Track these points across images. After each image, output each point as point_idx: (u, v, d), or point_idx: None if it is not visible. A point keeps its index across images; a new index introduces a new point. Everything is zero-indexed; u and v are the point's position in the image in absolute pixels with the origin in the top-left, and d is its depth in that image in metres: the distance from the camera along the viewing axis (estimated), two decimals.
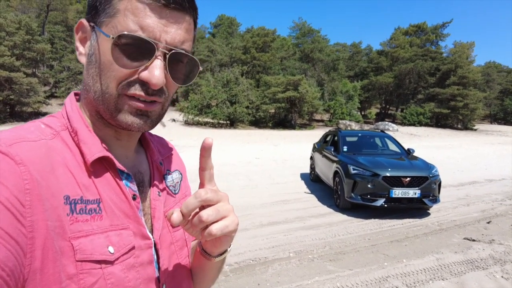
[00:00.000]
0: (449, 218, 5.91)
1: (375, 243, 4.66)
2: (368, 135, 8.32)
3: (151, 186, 0.69)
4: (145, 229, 0.62)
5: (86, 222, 0.53)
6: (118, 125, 0.59)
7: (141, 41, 0.54)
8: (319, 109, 34.38)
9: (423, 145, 19.81)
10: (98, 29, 0.57)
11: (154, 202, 0.67)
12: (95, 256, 0.53)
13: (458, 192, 7.97)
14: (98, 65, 0.57)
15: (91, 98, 0.59)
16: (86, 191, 0.55)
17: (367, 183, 5.87)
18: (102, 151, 0.58)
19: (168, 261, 0.67)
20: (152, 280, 0.62)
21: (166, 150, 0.80)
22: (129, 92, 0.57)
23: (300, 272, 3.76)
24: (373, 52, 49.48)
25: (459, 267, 3.89)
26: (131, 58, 0.55)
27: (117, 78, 0.56)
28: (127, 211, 0.60)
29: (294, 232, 5.09)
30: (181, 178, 0.79)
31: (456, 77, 37.58)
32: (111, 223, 0.57)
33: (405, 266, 3.86)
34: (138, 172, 0.68)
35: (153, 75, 0.55)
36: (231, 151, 15.35)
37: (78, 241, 0.52)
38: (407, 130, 31.29)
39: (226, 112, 29.22)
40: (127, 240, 0.58)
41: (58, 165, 0.53)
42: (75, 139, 0.58)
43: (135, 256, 0.59)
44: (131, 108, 0.58)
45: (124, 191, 0.60)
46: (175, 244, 0.70)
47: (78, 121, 0.60)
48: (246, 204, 6.64)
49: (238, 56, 36.87)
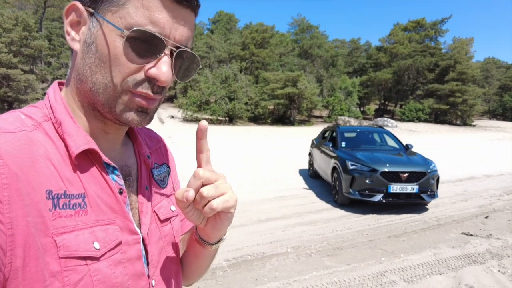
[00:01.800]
0: (447, 214, 5.92)
1: (372, 239, 4.67)
2: (367, 131, 8.31)
3: (138, 180, 0.67)
4: (132, 224, 0.61)
5: (70, 217, 0.52)
6: (117, 120, 0.58)
7: (153, 38, 0.53)
8: (318, 105, 34.34)
9: (421, 141, 19.82)
10: (101, 17, 0.53)
11: (142, 196, 0.66)
12: (80, 253, 0.51)
13: (456, 188, 7.98)
14: (99, 56, 0.54)
15: (86, 89, 0.56)
16: (70, 185, 0.53)
17: (365, 179, 5.87)
18: (87, 143, 0.56)
19: (158, 256, 0.66)
20: (141, 275, 0.61)
21: (154, 143, 0.78)
22: (136, 90, 0.55)
23: (297, 267, 3.76)
24: (372, 48, 49.37)
25: (457, 261, 3.89)
26: (139, 54, 0.53)
27: (123, 73, 0.54)
28: (114, 206, 0.58)
29: (292, 228, 5.10)
30: (169, 171, 0.77)
31: (455, 73, 37.53)
32: (97, 218, 0.55)
33: (402, 261, 3.86)
34: (125, 165, 0.66)
35: (163, 72, 0.54)
36: (229, 147, 15.34)
37: (62, 237, 0.50)
38: (406, 126, 31.29)
39: (225, 108, 29.16)
40: (113, 235, 0.56)
41: (39, 158, 0.50)
42: (59, 131, 0.55)
43: (122, 252, 0.58)
44: (133, 105, 0.56)
45: (110, 185, 0.58)
46: (164, 239, 0.68)
47: (62, 112, 0.57)
48: (244, 200, 6.64)
49: (236, 52, 36.77)
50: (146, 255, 0.63)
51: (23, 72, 25.65)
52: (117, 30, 0.52)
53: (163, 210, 0.70)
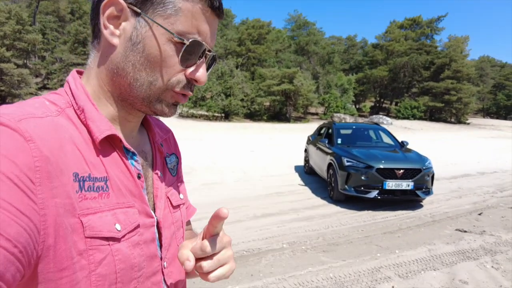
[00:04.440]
0: (441, 210, 5.96)
1: (368, 235, 4.69)
2: (362, 127, 8.33)
3: (153, 166, 0.70)
4: (149, 207, 0.64)
5: (94, 199, 0.54)
6: (152, 112, 0.63)
7: (200, 46, 0.59)
8: (314, 102, 34.34)
9: (416, 139, 19.93)
10: (151, 20, 0.57)
11: (157, 182, 0.69)
12: (104, 233, 0.54)
13: (451, 185, 8.04)
14: (147, 56, 0.58)
15: (124, 83, 0.59)
16: (93, 169, 0.55)
17: (361, 175, 5.89)
18: (110, 129, 0.59)
19: (169, 240, 0.69)
20: (154, 257, 0.64)
21: (163, 132, 0.81)
22: (179, 90, 0.61)
23: (293, 262, 3.76)
24: (368, 45, 49.45)
25: (451, 257, 3.92)
26: (185, 58, 0.59)
27: (169, 74, 0.59)
28: (133, 190, 0.61)
29: (287, 224, 5.10)
30: (177, 161, 0.81)
31: (450, 71, 37.73)
32: (118, 201, 0.58)
33: (397, 257, 3.88)
34: (142, 151, 0.69)
35: (203, 75, 0.62)
36: (225, 144, 15.32)
37: (87, 218, 0.53)
38: (401, 124, 31.44)
39: (220, 104, 29.04)
40: (132, 218, 0.59)
41: (65, 142, 0.53)
42: (81, 117, 0.58)
43: (140, 234, 0.60)
44: (172, 100, 0.62)
45: (130, 170, 0.61)
46: (175, 225, 0.72)
47: (84, 99, 0.59)
48: (240, 196, 6.64)
49: (233, 48, 36.59)
50: (159, 238, 0.66)
51: (16, 66, 25.35)
52: (169, 34, 0.57)
53: (175, 197, 0.74)
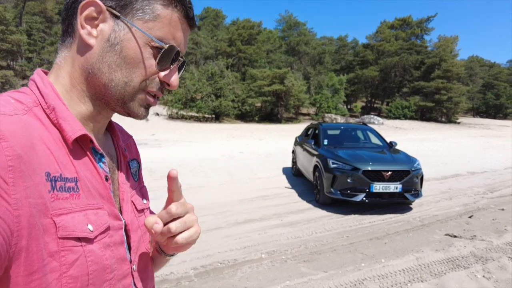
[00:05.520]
0: (431, 213, 5.73)
1: (353, 241, 4.42)
2: (350, 128, 8.09)
3: (118, 169, 0.71)
4: (117, 210, 0.64)
5: (66, 199, 0.53)
6: (126, 114, 0.64)
7: (175, 51, 0.62)
8: (305, 102, 34.24)
9: (407, 138, 19.84)
10: (131, 24, 0.59)
11: (122, 185, 0.69)
12: (77, 233, 0.53)
13: (441, 186, 7.85)
14: (124, 57, 0.59)
15: (99, 83, 0.60)
16: (64, 169, 0.54)
17: (347, 178, 5.63)
18: (82, 129, 0.58)
19: (138, 243, 0.69)
20: (124, 260, 0.63)
21: (125, 137, 0.80)
22: (151, 90, 0.63)
23: (271, 275, 3.48)
24: (359, 45, 49.52)
25: (440, 266, 3.66)
26: (161, 61, 0.61)
27: (144, 75, 0.61)
28: (102, 192, 0.60)
29: (269, 230, 4.82)
30: (138, 167, 0.81)
31: (440, 70, 37.93)
32: (88, 202, 0.57)
33: (383, 267, 3.61)
34: (108, 154, 0.68)
35: (176, 79, 0.66)
36: (214, 145, 15.01)
37: (60, 218, 0.51)
38: (393, 124, 31.44)
39: (211, 105, 28.72)
40: (103, 219, 0.59)
41: (36, 141, 0.51)
42: (52, 116, 0.57)
43: (110, 236, 0.60)
44: (144, 102, 0.64)
45: (99, 172, 0.61)
46: (141, 228, 0.71)
47: (54, 98, 0.59)
48: (224, 200, 6.34)
49: (223, 49, 36.29)
50: (128, 241, 0.66)
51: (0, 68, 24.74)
52: (147, 38, 0.59)
53: (138, 201, 0.74)
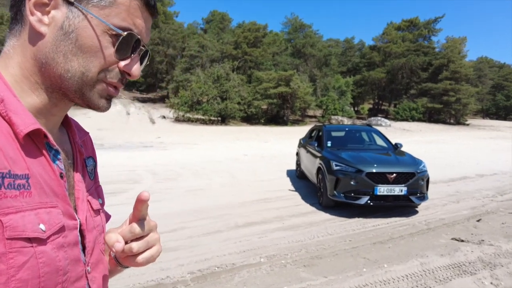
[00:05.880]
0: (437, 217, 5.57)
1: (356, 245, 4.30)
2: (354, 129, 7.96)
3: (74, 167, 0.68)
4: (72, 209, 0.61)
5: (15, 198, 0.50)
6: (86, 105, 0.61)
7: (135, 39, 0.60)
8: (312, 104, 34.07)
9: (415, 140, 19.58)
10: (86, 11, 0.56)
11: (78, 183, 0.67)
12: (28, 234, 0.50)
13: (449, 188, 7.66)
14: (80, 46, 0.56)
15: (54, 74, 0.57)
16: (14, 165, 0.51)
17: (350, 180, 5.51)
18: (35, 123, 0.55)
19: (93, 244, 0.66)
20: (78, 261, 0.61)
21: (82, 133, 0.77)
22: (110, 81, 0.61)
23: (269, 280, 3.37)
24: (365, 47, 49.21)
25: (445, 272, 3.52)
26: (120, 50, 0.59)
27: (102, 65, 0.58)
28: (56, 189, 0.57)
29: (270, 234, 4.72)
30: (94, 165, 0.79)
31: (448, 72, 37.45)
32: (40, 201, 0.54)
33: (385, 273, 3.48)
34: (63, 150, 0.65)
35: (137, 68, 0.63)
36: (219, 148, 14.96)
37: (8, 217, 0.49)
38: (400, 125, 31.10)
39: (217, 108, 28.73)
40: (57, 218, 0.56)
41: None
42: (0, 108, 0.53)
43: (64, 236, 0.57)
44: (104, 93, 0.61)
45: (53, 168, 0.58)
46: (97, 229, 0.69)
47: (3, 89, 0.55)
48: (225, 203, 6.26)
49: (229, 52, 36.29)
50: (82, 242, 0.63)
51: None
52: (104, 25, 0.56)
53: (94, 201, 0.71)
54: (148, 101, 35.07)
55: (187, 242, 4.36)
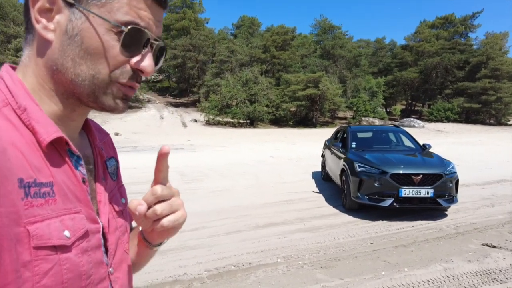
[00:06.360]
0: (468, 221, 5.30)
1: (377, 248, 4.18)
2: (380, 130, 7.75)
3: (95, 170, 0.68)
4: (94, 213, 0.61)
5: (41, 206, 0.51)
6: (101, 108, 0.60)
7: (142, 33, 0.56)
8: (341, 106, 33.51)
9: (449, 142, 18.70)
10: (87, 10, 0.54)
11: (99, 186, 0.67)
12: (53, 241, 0.51)
13: (483, 192, 7.25)
14: (86, 48, 0.54)
15: (66, 79, 0.56)
16: (38, 174, 0.52)
17: (374, 182, 5.37)
18: (57, 131, 0.56)
19: (115, 246, 0.67)
20: (101, 263, 0.62)
21: (102, 135, 0.78)
22: (124, 82, 0.58)
23: (284, 280, 3.36)
24: (397, 47, 47.73)
25: (471, 279, 3.34)
26: (128, 47, 0.56)
27: (111, 65, 0.56)
28: (79, 195, 0.58)
29: (290, 235, 4.70)
30: (116, 165, 0.79)
31: (487, 69, 35.45)
32: (65, 207, 0.55)
33: (404, 277, 3.36)
34: (84, 155, 0.66)
35: (149, 64, 0.59)
36: (246, 150, 15.06)
37: (34, 226, 0.49)
38: (434, 127, 29.82)
39: (245, 111, 29.02)
40: (80, 224, 0.57)
41: (7, 145, 0.49)
42: (23, 117, 0.54)
43: (88, 240, 0.58)
44: (120, 94, 0.59)
45: (75, 174, 0.59)
46: (119, 230, 0.70)
47: (25, 97, 0.55)
48: (247, 204, 6.30)
49: (257, 55, 36.52)
50: (105, 244, 0.64)
51: None
52: (107, 23, 0.54)
53: (116, 201, 0.72)
54: (180, 105, 36.00)
55: (206, 241, 4.43)
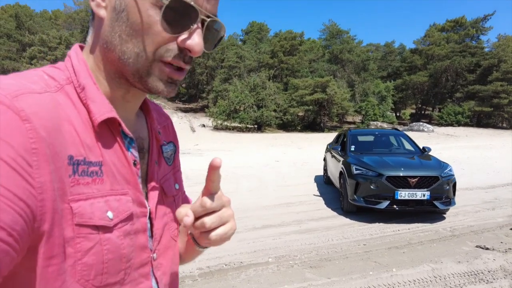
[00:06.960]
0: (465, 223, 5.29)
1: (369, 250, 4.23)
2: (380, 133, 7.77)
3: (149, 154, 0.67)
4: (143, 196, 0.60)
5: (87, 185, 0.51)
6: (147, 90, 0.57)
7: (189, 8, 0.52)
8: (350, 110, 33.40)
9: (459, 146, 18.48)
10: None
11: (152, 170, 0.65)
12: (94, 221, 0.51)
13: (486, 195, 7.20)
14: (131, 25, 0.53)
15: (114, 58, 0.55)
16: (89, 152, 0.52)
17: (370, 184, 5.41)
18: (111, 112, 0.55)
19: (161, 231, 0.65)
20: (144, 248, 0.60)
21: (162, 118, 0.77)
22: (168, 60, 0.54)
23: (273, 279, 3.44)
24: (406, 51, 47.40)
25: (457, 279, 3.37)
26: (173, 23, 0.52)
27: (156, 43, 0.53)
28: (128, 177, 0.58)
29: (285, 236, 4.77)
30: (174, 150, 0.77)
31: (499, 72, 34.91)
32: (111, 188, 0.55)
33: (391, 277, 3.40)
34: (139, 137, 0.65)
35: (197, 42, 0.54)
36: (252, 154, 15.18)
37: (78, 204, 0.49)
38: (444, 131, 29.45)
39: (253, 116, 29.17)
40: (126, 206, 0.56)
41: (63, 122, 0.49)
42: (81, 96, 0.54)
43: (132, 224, 0.57)
44: (164, 75, 0.55)
45: (126, 156, 0.58)
46: (168, 215, 0.68)
47: (86, 76, 0.56)
48: (248, 206, 6.40)
49: (265, 61, 36.75)
50: (151, 229, 0.63)
51: None
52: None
53: (169, 187, 0.70)
54: (190, 111, 36.42)
55: None
